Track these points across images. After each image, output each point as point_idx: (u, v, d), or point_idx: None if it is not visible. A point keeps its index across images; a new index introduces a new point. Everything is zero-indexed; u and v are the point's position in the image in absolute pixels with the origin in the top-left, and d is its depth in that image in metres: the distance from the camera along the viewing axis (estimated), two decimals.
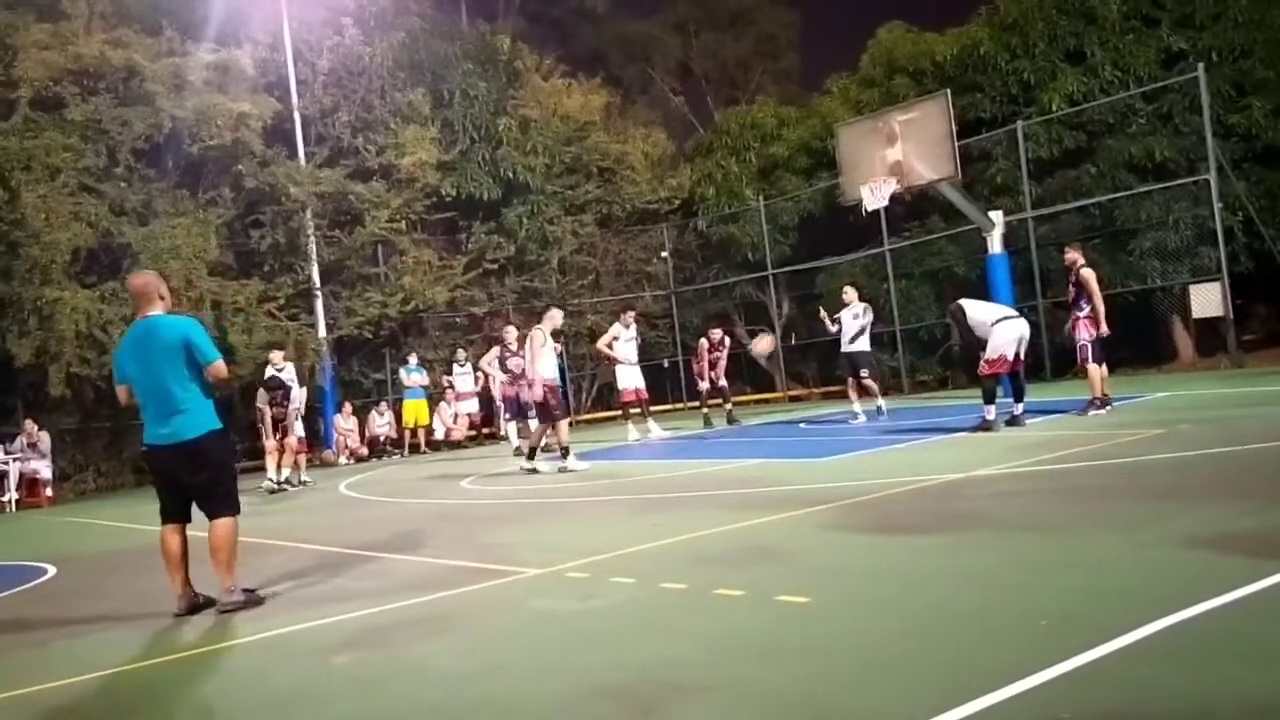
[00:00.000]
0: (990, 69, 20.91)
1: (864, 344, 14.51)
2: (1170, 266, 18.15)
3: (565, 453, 12.28)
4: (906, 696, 3.33)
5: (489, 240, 23.59)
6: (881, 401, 14.97)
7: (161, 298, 6.21)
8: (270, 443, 14.43)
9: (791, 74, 37.58)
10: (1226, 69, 18.53)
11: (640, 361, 25.60)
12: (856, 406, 14.66)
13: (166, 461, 6.07)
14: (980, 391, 11.39)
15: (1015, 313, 12.08)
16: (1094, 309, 11.75)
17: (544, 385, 12.20)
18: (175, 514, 6.11)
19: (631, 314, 16.64)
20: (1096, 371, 11.68)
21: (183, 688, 4.71)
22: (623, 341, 15.79)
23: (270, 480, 14.28)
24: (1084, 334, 11.75)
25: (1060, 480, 7.49)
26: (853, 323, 14.63)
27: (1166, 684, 3.20)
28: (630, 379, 15.93)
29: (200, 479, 6.04)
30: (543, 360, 12.27)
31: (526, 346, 12.79)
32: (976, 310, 11.75)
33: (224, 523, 6.01)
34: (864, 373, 14.59)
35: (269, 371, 15.62)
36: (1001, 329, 11.34)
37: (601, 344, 16.19)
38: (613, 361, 16.25)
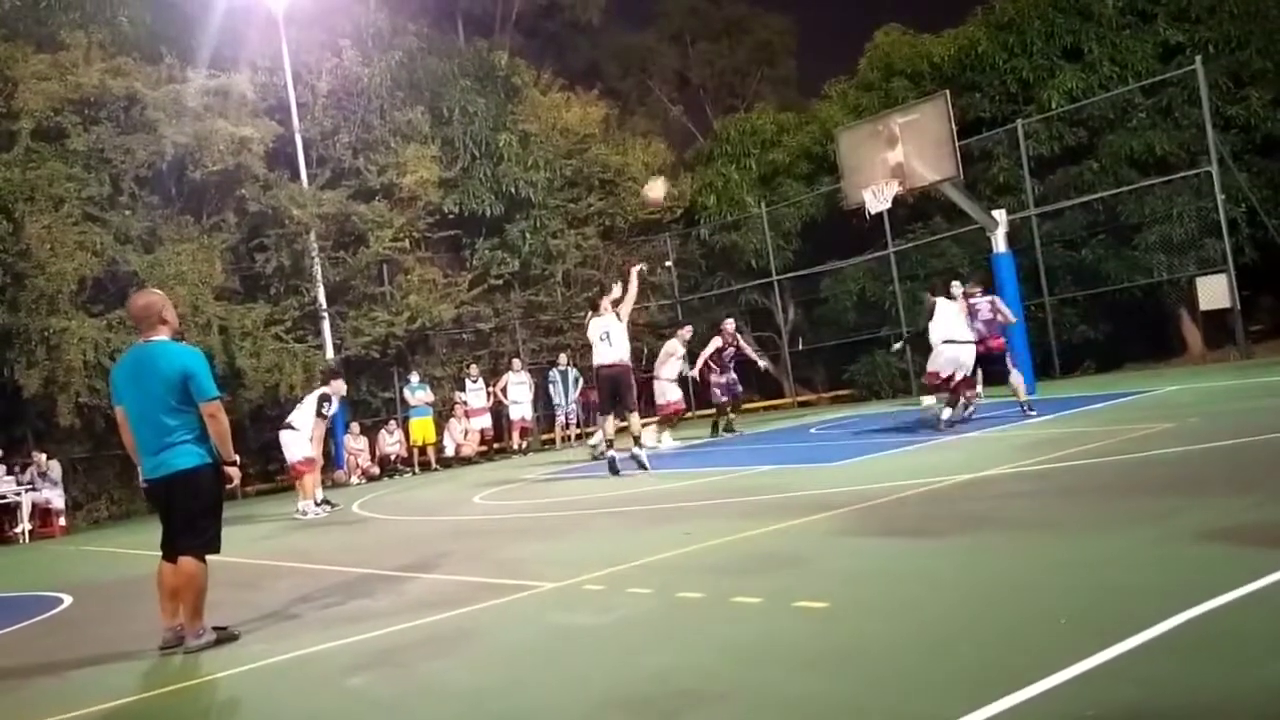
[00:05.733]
0: (988, 68, 20.94)
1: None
2: (1176, 260, 18.14)
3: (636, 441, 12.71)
4: (929, 699, 3.33)
5: (493, 256, 23.63)
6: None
7: (164, 321, 5.92)
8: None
9: (789, 80, 37.62)
10: (1224, 61, 18.55)
11: (647, 371, 25.70)
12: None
13: (159, 495, 5.86)
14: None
15: (968, 337, 12.27)
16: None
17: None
18: (166, 549, 5.89)
19: (689, 330, 16.91)
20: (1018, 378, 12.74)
21: (201, 714, 4.71)
22: (676, 359, 15.84)
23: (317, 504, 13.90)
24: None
25: (1070, 478, 7.48)
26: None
27: (1188, 679, 3.19)
28: (675, 391, 16.15)
29: (183, 512, 5.79)
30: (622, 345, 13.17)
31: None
32: (940, 317, 12.16)
33: (191, 562, 5.75)
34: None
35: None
36: (942, 350, 12.02)
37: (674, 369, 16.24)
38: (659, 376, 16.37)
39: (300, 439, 13.74)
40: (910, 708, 3.30)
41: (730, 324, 16.67)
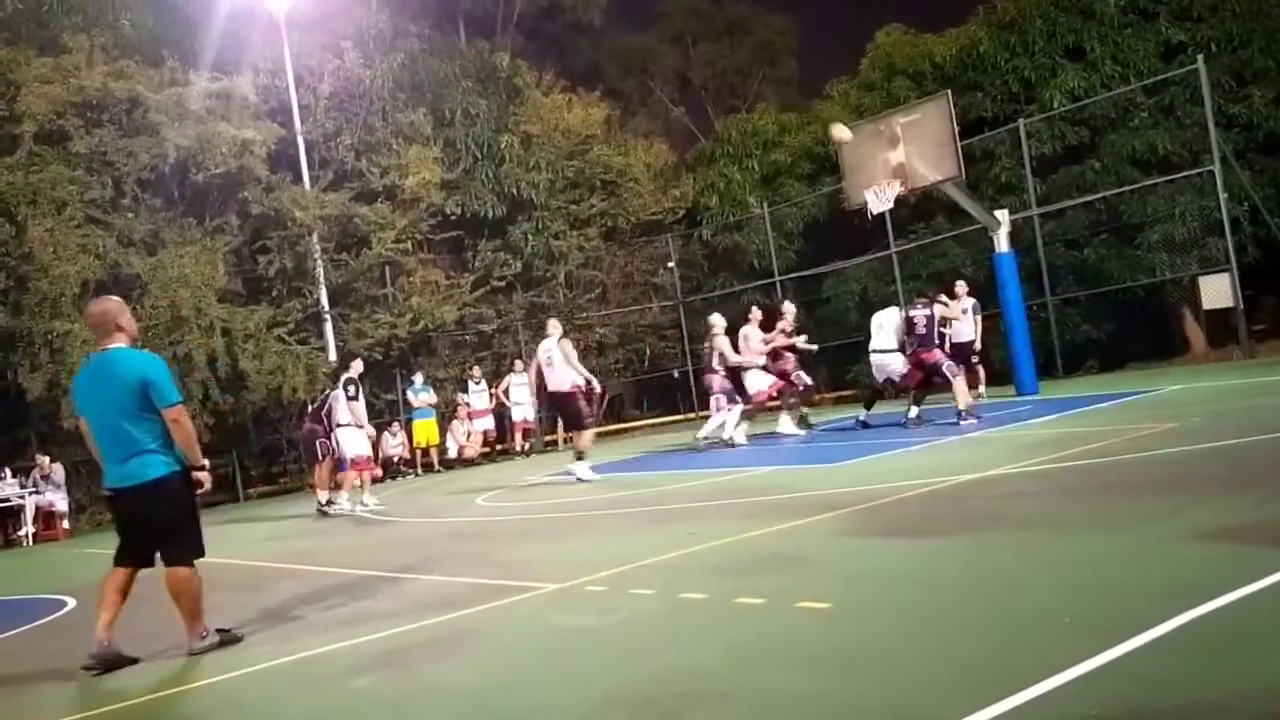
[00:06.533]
0: (990, 68, 20.91)
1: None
2: (1178, 259, 18.08)
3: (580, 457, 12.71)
4: (931, 700, 3.32)
5: (495, 258, 23.63)
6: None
7: (120, 328, 5.84)
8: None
9: (790, 81, 37.61)
10: (1226, 59, 18.50)
11: (650, 372, 25.56)
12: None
13: (126, 506, 5.78)
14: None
15: (886, 346, 13.43)
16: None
17: (575, 391, 12.87)
18: (134, 558, 5.83)
19: (759, 312, 15.59)
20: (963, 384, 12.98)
21: (206, 716, 4.72)
22: (756, 341, 14.94)
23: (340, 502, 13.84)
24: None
25: (1073, 477, 7.47)
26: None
27: (1191, 678, 3.19)
28: (763, 378, 14.87)
29: (160, 523, 5.74)
30: (565, 369, 12.78)
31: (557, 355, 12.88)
32: (873, 329, 13.61)
33: (181, 571, 5.73)
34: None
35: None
36: (872, 360, 13.61)
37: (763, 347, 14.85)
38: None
39: (351, 434, 13.70)
40: (913, 708, 3.30)
41: (791, 308, 15.60)
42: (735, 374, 14.54)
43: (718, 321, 14.97)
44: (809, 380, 15.37)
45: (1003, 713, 3.05)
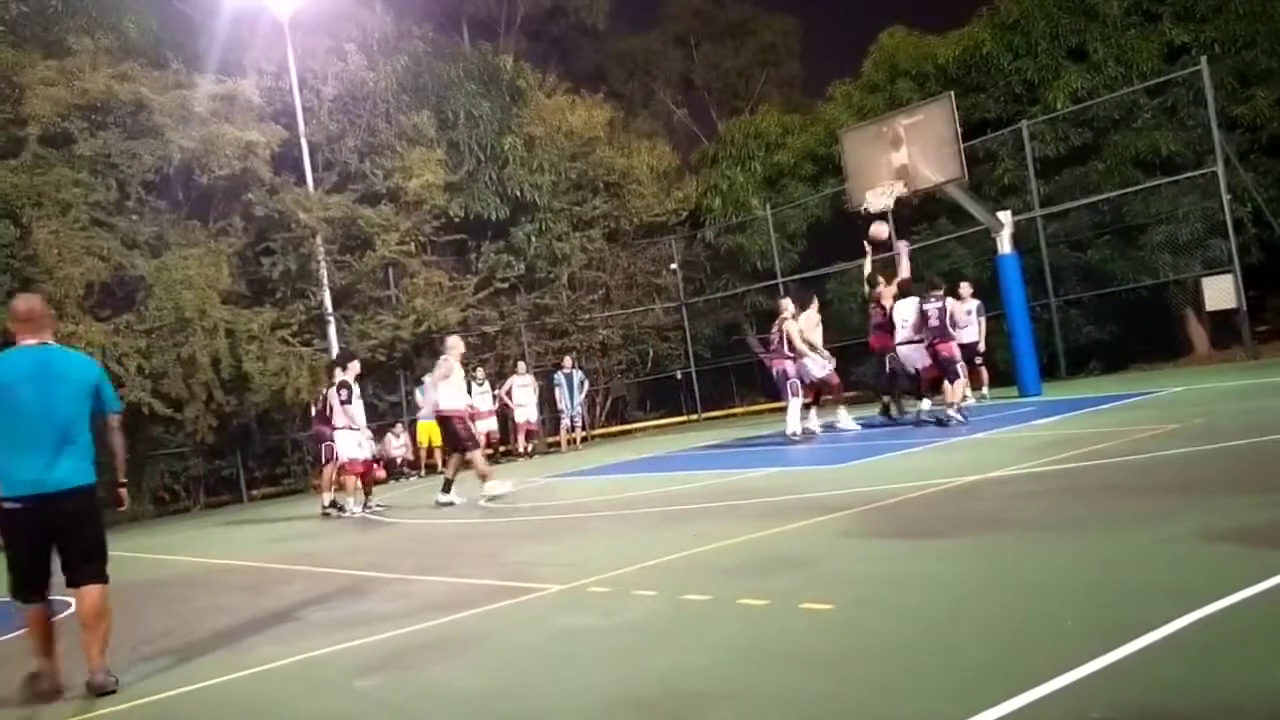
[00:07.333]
0: (993, 69, 20.89)
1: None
2: (1182, 260, 18.05)
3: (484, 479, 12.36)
4: (933, 701, 3.33)
5: (498, 259, 23.66)
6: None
7: (50, 325, 5.53)
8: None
9: (793, 82, 37.58)
10: (1229, 61, 18.45)
11: (653, 374, 25.49)
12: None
13: (54, 513, 5.23)
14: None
15: (908, 339, 13.49)
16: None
17: (455, 415, 12.75)
18: (42, 587, 5.36)
19: (817, 302, 15.44)
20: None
21: (209, 716, 4.72)
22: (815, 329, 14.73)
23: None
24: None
25: (1077, 479, 7.46)
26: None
27: (1195, 679, 3.19)
28: (817, 368, 14.56)
29: (81, 536, 5.35)
30: (449, 390, 12.80)
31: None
32: (899, 320, 13.58)
33: (99, 590, 5.36)
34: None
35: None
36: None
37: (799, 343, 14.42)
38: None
39: (348, 437, 13.68)
40: (916, 709, 3.30)
41: (788, 303, 14.90)
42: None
43: (789, 305, 14.62)
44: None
45: (1006, 714, 3.05)
